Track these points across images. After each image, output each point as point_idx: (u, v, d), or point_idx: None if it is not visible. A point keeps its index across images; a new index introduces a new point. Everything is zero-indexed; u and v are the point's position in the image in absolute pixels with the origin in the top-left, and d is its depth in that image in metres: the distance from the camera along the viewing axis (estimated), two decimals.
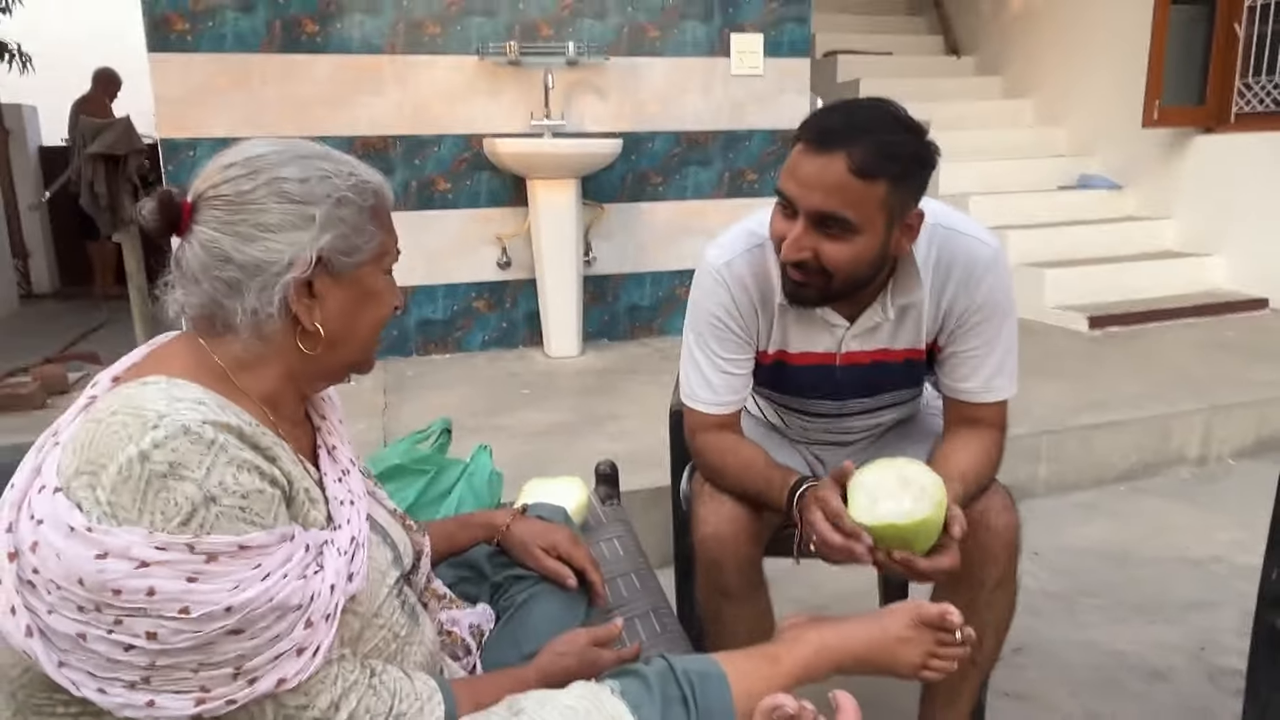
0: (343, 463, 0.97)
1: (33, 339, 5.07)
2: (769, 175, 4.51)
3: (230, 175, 0.86)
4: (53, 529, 0.71)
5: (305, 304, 0.87)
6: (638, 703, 0.88)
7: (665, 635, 1.21)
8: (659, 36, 4.25)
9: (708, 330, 1.40)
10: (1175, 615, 2.15)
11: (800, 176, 1.19)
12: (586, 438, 2.95)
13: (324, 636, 0.80)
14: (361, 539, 0.89)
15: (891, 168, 1.16)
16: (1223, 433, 3.15)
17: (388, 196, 0.95)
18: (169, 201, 0.86)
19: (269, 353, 0.87)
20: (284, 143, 0.90)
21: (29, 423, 3.20)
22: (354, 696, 0.82)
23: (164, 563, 0.70)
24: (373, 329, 0.94)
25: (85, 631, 0.71)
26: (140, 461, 0.71)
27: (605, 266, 4.38)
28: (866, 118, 1.18)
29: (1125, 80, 5.19)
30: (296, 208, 0.85)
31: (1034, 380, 3.40)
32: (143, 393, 0.76)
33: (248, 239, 0.84)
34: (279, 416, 0.89)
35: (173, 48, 3.68)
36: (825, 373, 1.42)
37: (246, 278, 0.84)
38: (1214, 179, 4.95)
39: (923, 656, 1.05)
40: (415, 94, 4.00)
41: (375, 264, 0.92)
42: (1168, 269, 4.90)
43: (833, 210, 1.18)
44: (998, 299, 1.35)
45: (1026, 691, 1.86)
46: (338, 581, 0.82)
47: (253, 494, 0.75)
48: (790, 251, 1.22)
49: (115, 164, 3.97)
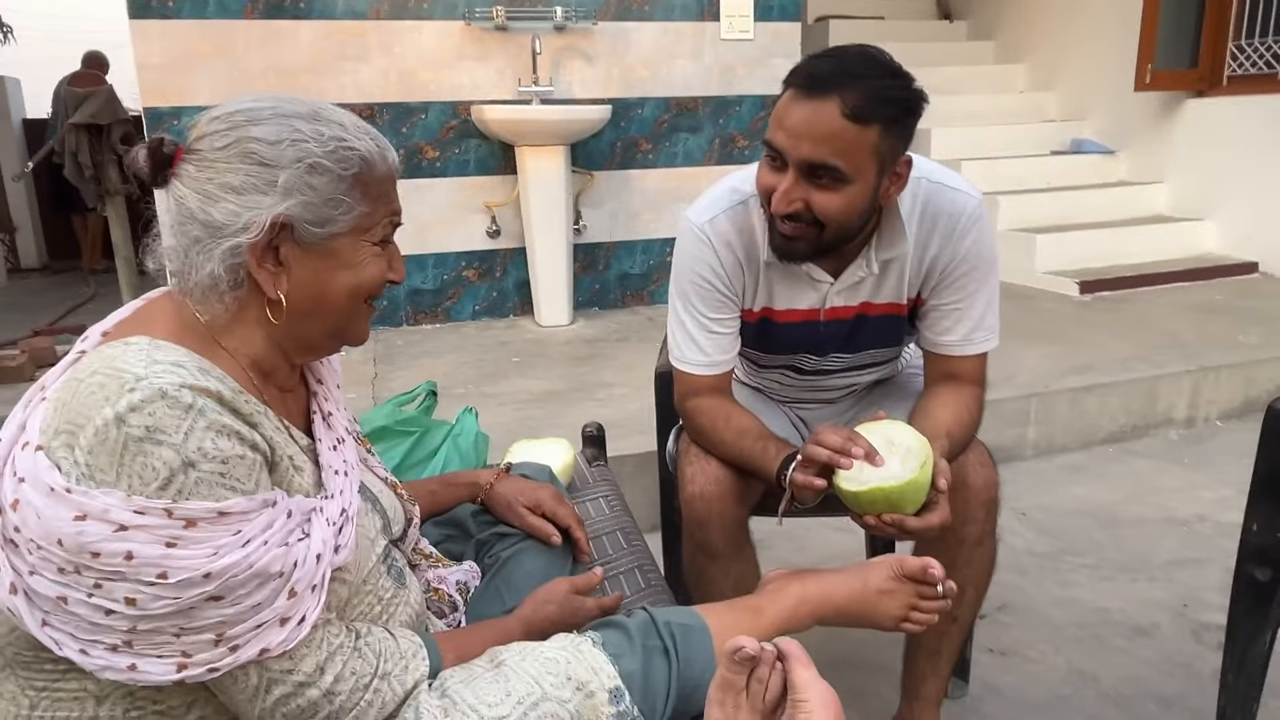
0: (338, 430, 0.95)
1: (21, 313, 5.04)
2: (759, 141, 4.47)
3: (212, 129, 0.83)
4: (33, 488, 0.71)
5: (268, 271, 0.83)
6: (618, 653, 0.89)
7: (650, 590, 1.22)
8: (647, 0, 4.20)
9: (693, 290, 1.39)
10: (1160, 573, 2.17)
11: (790, 125, 1.17)
12: (576, 405, 2.95)
13: (309, 607, 0.79)
14: (352, 511, 0.88)
15: (885, 111, 1.15)
16: (1210, 394, 3.17)
17: (380, 165, 0.87)
18: (156, 149, 0.83)
19: (245, 317, 0.85)
20: (274, 99, 0.85)
21: (17, 395, 3.16)
22: (339, 659, 0.82)
23: (142, 527, 0.70)
24: (349, 301, 0.88)
25: (66, 594, 0.71)
26: (117, 424, 0.70)
27: (595, 234, 4.36)
28: (857, 64, 1.16)
29: (1117, 44, 5.15)
30: (261, 170, 0.81)
31: (1023, 344, 3.41)
32: (123, 353, 0.75)
33: (211, 198, 0.81)
34: (266, 381, 0.88)
35: (154, 14, 3.62)
36: (810, 329, 1.42)
37: (208, 238, 0.81)
38: (1206, 143, 4.93)
39: (903, 609, 1.06)
40: (401, 60, 3.95)
41: (354, 235, 0.86)
42: (1159, 233, 4.90)
43: (824, 159, 1.16)
44: (981, 251, 1.34)
45: (1011, 648, 1.88)
46: (324, 551, 0.81)
47: (233, 459, 0.74)
48: (781, 203, 1.21)
49: (99, 134, 3.94)
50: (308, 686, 0.80)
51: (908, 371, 1.61)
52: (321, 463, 0.90)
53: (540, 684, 0.84)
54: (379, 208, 0.88)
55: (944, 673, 1.49)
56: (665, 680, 0.89)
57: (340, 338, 0.92)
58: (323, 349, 0.94)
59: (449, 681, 0.86)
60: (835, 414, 1.61)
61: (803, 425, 1.62)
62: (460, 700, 0.83)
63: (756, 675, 0.72)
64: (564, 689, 0.84)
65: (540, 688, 0.83)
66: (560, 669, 0.85)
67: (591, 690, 0.85)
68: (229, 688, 0.78)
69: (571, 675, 0.85)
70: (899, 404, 1.52)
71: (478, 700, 0.83)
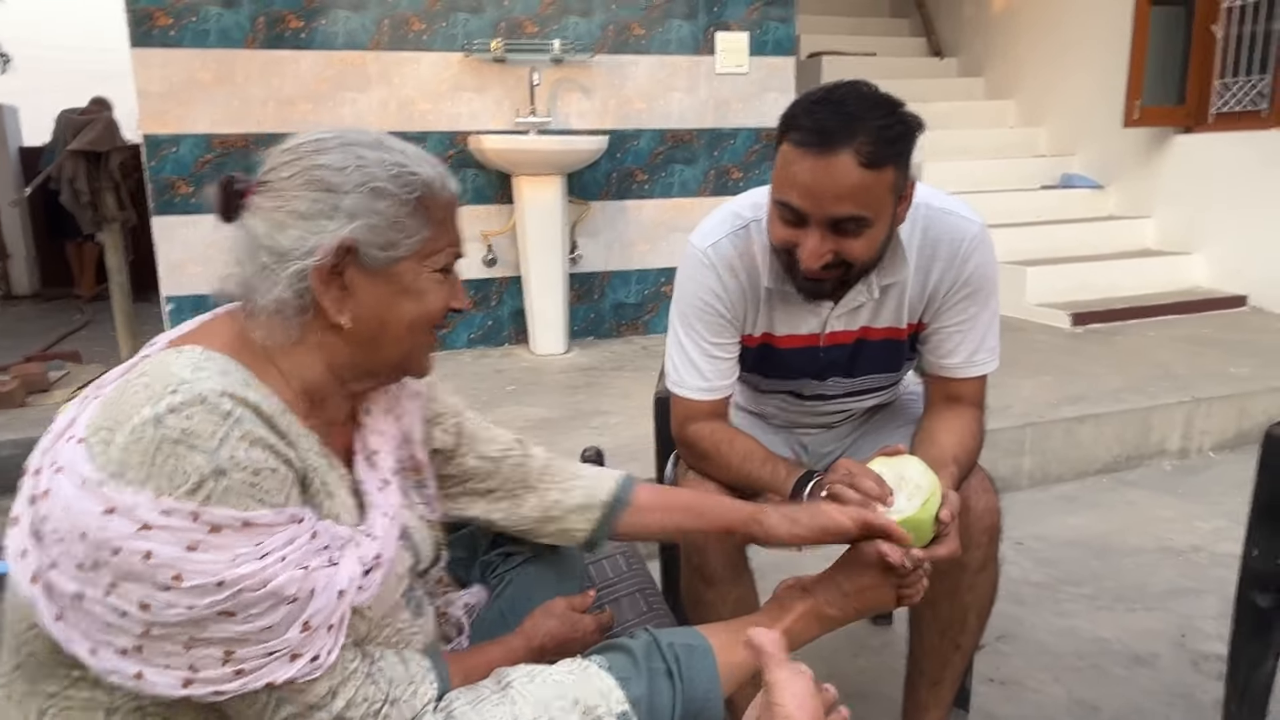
0: (383, 471, 0.94)
1: (13, 339, 5.02)
2: (754, 173, 4.52)
3: (281, 160, 0.85)
4: (68, 478, 0.72)
5: (334, 296, 0.84)
6: (625, 676, 0.88)
7: (651, 614, 1.21)
8: (644, 34, 4.26)
9: (695, 315, 1.40)
10: (1157, 603, 2.17)
11: (807, 185, 1.15)
12: (572, 433, 2.94)
13: (323, 645, 0.78)
14: (386, 559, 0.87)
15: (896, 150, 1.16)
16: (1203, 425, 3.19)
17: (442, 192, 0.89)
18: (227, 186, 0.85)
19: (306, 343, 0.85)
20: (340, 130, 0.87)
21: (8, 420, 3.17)
22: (352, 685, 0.81)
23: (166, 528, 0.70)
24: (412, 329, 0.89)
25: (82, 591, 0.72)
26: (154, 425, 0.71)
27: (591, 264, 4.38)
28: (858, 107, 1.15)
29: (1106, 81, 5.24)
30: (326, 195, 0.83)
31: (1017, 375, 3.43)
32: (174, 359, 0.76)
33: (280, 225, 0.82)
34: (314, 410, 0.87)
35: (155, 43, 3.65)
36: (810, 355, 1.43)
37: (275, 263, 0.82)
38: (1193, 178, 5.00)
39: (891, 592, 1.09)
40: (400, 91, 3.99)
41: (417, 260, 0.87)
42: (1148, 267, 4.95)
43: (849, 213, 1.16)
44: (984, 274, 1.36)
45: (1011, 677, 1.87)
46: (348, 589, 0.80)
47: (264, 471, 0.74)
48: (813, 261, 1.19)
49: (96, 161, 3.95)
50: (318, 710, 0.79)
51: (906, 396, 1.62)
52: (369, 501, 0.89)
53: (548, 708, 0.83)
54: (441, 234, 0.89)
55: (946, 701, 1.48)
56: (669, 703, 0.88)
57: (403, 368, 0.93)
58: (383, 377, 0.93)
59: (455, 703, 0.85)
60: (835, 439, 1.61)
61: (803, 450, 1.62)
62: None
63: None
64: (571, 713, 0.83)
65: (548, 711, 0.83)
66: (568, 692, 0.84)
67: (599, 715, 0.84)
68: (238, 705, 0.77)
69: (579, 699, 0.84)
70: (899, 429, 1.52)
71: None
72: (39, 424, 0.83)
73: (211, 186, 0.86)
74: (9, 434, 2.99)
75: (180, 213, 3.79)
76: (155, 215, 3.78)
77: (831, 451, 1.61)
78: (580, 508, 1.14)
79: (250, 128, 3.82)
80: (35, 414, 3.25)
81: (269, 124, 3.82)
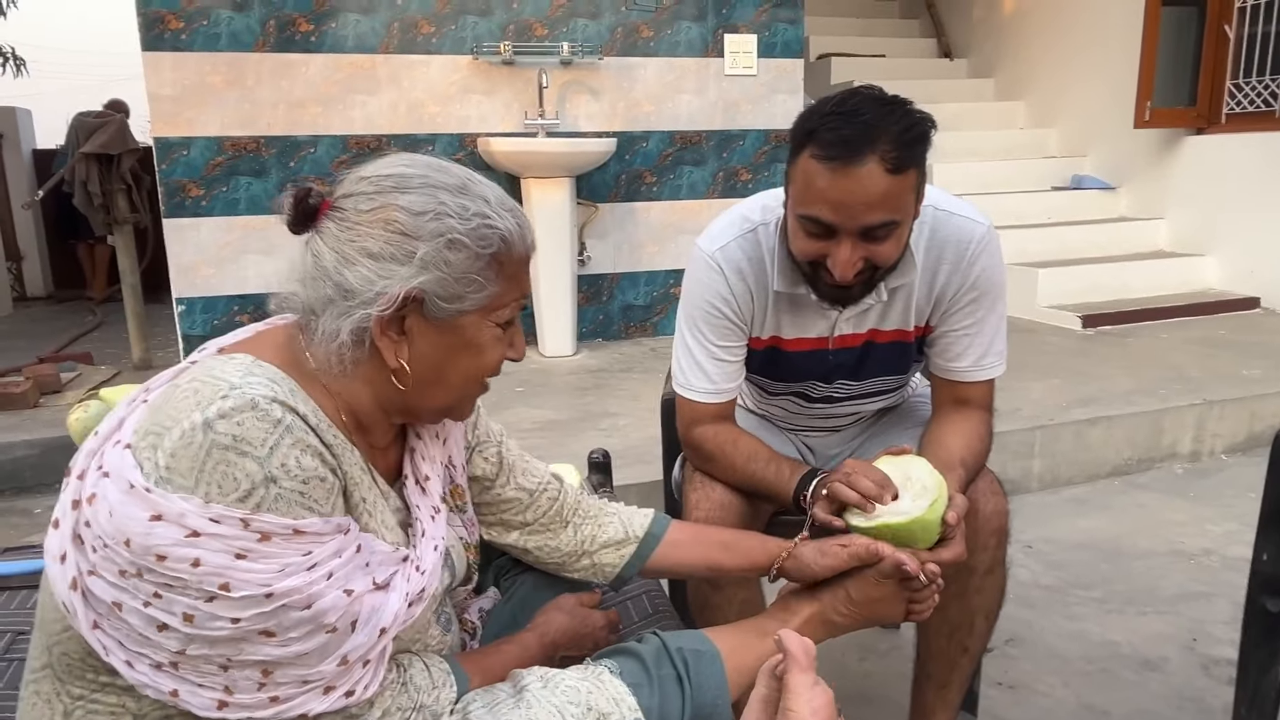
0: (434, 498, 0.93)
1: (26, 341, 5.06)
2: (762, 175, 4.52)
3: (359, 189, 0.82)
4: (114, 483, 0.71)
5: (391, 340, 0.82)
6: (636, 683, 0.88)
7: (658, 616, 1.21)
8: (652, 36, 4.26)
9: (702, 317, 1.40)
10: (1167, 607, 2.16)
11: (838, 198, 1.15)
12: (580, 434, 2.95)
13: (359, 680, 0.78)
14: (431, 590, 0.86)
15: (917, 152, 1.16)
16: (1215, 428, 3.17)
17: (518, 246, 0.85)
18: (303, 199, 0.82)
19: (356, 375, 0.83)
20: (426, 166, 0.84)
21: (21, 421, 3.19)
22: (389, 696, 0.82)
23: (216, 535, 0.69)
24: (467, 380, 0.88)
25: (122, 600, 0.70)
26: (204, 430, 0.70)
27: (599, 266, 4.39)
28: (876, 114, 1.14)
29: (1117, 82, 5.22)
30: (402, 240, 0.80)
31: (1027, 377, 3.42)
32: (223, 364, 0.75)
33: (349, 261, 0.80)
34: (360, 431, 0.86)
35: (166, 46, 3.68)
36: (819, 357, 1.42)
37: (339, 299, 0.80)
38: (1205, 179, 4.97)
39: (900, 605, 1.08)
40: (409, 93, 4.00)
41: (481, 314, 0.84)
42: (1160, 269, 4.93)
43: (881, 220, 1.16)
44: (991, 277, 1.35)
45: (1020, 681, 1.86)
46: (391, 626, 0.80)
47: (313, 480, 0.73)
48: (847, 272, 1.19)
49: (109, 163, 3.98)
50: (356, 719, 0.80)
51: (914, 398, 1.61)
52: (423, 529, 0.89)
53: (562, 714, 0.83)
54: (511, 289, 0.86)
55: (953, 704, 1.47)
56: (679, 709, 0.89)
57: (447, 412, 0.92)
58: (426, 419, 0.92)
59: (472, 706, 0.85)
60: (841, 442, 1.61)
61: (809, 453, 1.62)
62: None
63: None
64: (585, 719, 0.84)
65: (562, 717, 0.83)
66: (581, 699, 0.85)
67: None
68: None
69: (593, 706, 0.85)
70: (906, 431, 1.52)
71: None
72: (52, 425, 0.82)
73: (287, 195, 0.83)
74: (22, 434, 3.01)
75: (191, 215, 3.81)
76: (166, 217, 3.80)
77: (838, 454, 1.61)
78: (615, 543, 1.13)
79: (261, 130, 3.84)
80: (48, 415, 3.27)
81: (279, 127, 3.84)
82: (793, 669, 0.67)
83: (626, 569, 1.14)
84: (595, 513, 1.15)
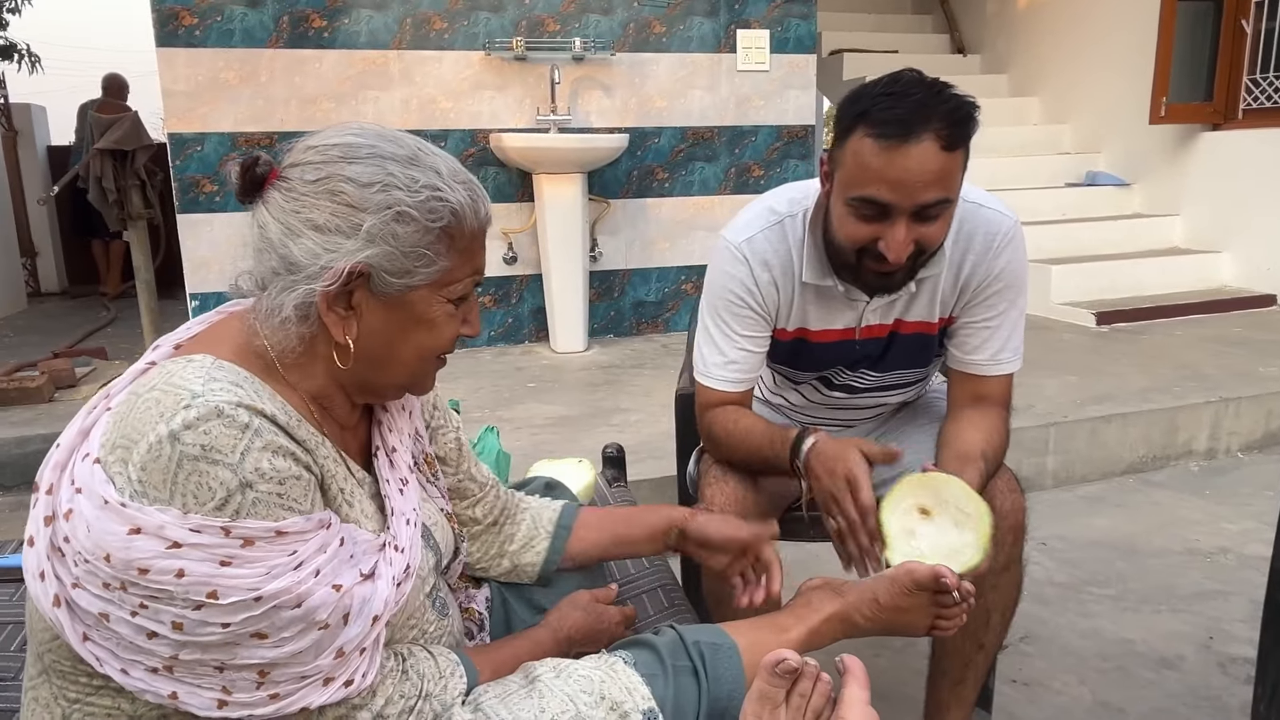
0: (400, 469, 0.92)
1: (41, 336, 5.10)
2: (774, 171, 4.51)
3: (306, 159, 0.80)
4: (88, 499, 0.70)
5: (338, 316, 0.80)
6: (651, 673, 0.88)
7: (673, 610, 1.21)
8: (665, 32, 4.26)
9: (725, 307, 1.39)
10: (1183, 605, 2.14)
11: (897, 177, 1.14)
12: (593, 430, 2.95)
13: (356, 668, 0.78)
14: (414, 565, 0.86)
15: (967, 130, 1.16)
16: (1231, 426, 3.14)
17: (470, 220, 0.83)
18: (250, 167, 0.80)
19: (312, 353, 0.81)
20: (374, 136, 0.81)
21: (36, 415, 3.21)
22: (390, 684, 0.82)
23: (197, 545, 0.68)
24: (419, 356, 0.85)
25: (108, 611, 0.70)
26: (170, 442, 0.68)
27: (611, 262, 4.38)
28: (922, 93, 1.15)
29: (1132, 77, 5.18)
30: (348, 211, 0.78)
31: (1041, 374, 3.40)
32: (182, 369, 0.74)
33: (293, 232, 0.78)
34: (326, 415, 0.85)
35: (180, 42, 3.69)
36: (846, 348, 1.43)
37: (284, 273, 0.78)
38: (1221, 175, 4.93)
39: (926, 619, 1.05)
40: (422, 90, 4.01)
41: (432, 289, 0.82)
42: (1175, 266, 4.89)
43: (937, 198, 1.16)
44: (1015, 270, 1.35)
45: (1035, 678, 1.85)
46: (383, 613, 0.80)
47: (289, 480, 0.73)
48: (901, 253, 1.19)
49: (123, 159, 3.99)
50: (360, 709, 0.80)
51: (931, 395, 1.60)
52: (391, 507, 0.88)
53: (574, 702, 0.83)
54: (463, 264, 0.84)
55: (969, 701, 1.47)
56: (695, 701, 0.88)
57: (405, 388, 0.90)
58: (386, 396, 0.91)
59: (483, 697, 0.85)
60: (857, 435, 1.60)
61: None
62: (494, 715, 0.83)
63: (799, 690, 0.71)
64: (598, 708, 0.83)
65: (574, 706, 0.83)
66: (594, 688, 0.85)
67: (625, 711, 0.84)
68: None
69: (606, 695, 0.84)
70: (921, 428, 1.51)
71: (512, 716, 0.82)
72: (66, 419, 0.81)
73: (234, 163, 0.81)
74: (38, 428, 3.03)
75: (205, 210, 3.83)
76: (180, 213, 3.82)
77: None
78: (529, 541, 1.13)
79: (274, 126, 3.85)
80: (63, 409, 3.29)
81: (292, 123, 3.85)
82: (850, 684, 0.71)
83: (546, 566, 1.13)
84: (514, 512, 1.15)
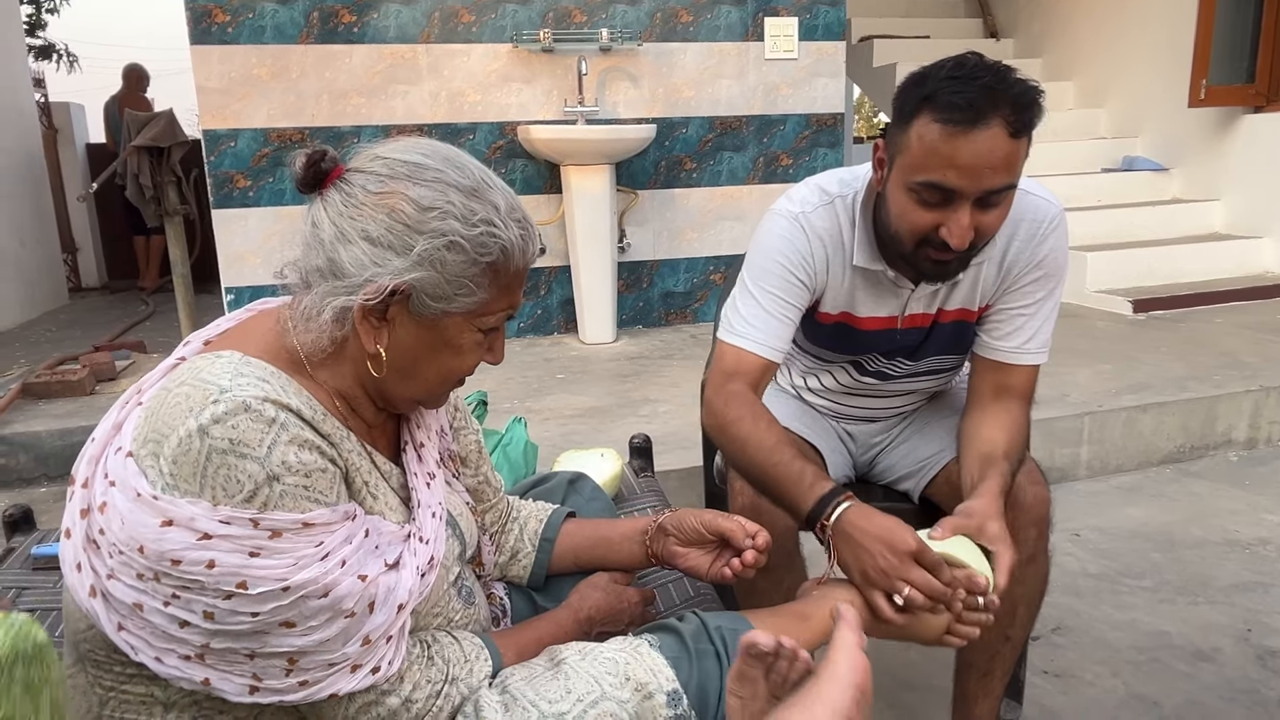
0: (429, 464, 0.94)
1: (81, 330, 5.21)
2: (803, 160, 4.48)
3: (372, 168, 0.81)
4: (122, 492, 0.73)
5: (371, 325, 0.81)
6: (675, 656, 0.89)
7: (699, 598, 1.22)
8: (692, 21, 4.24)
9: (777, 271, 1.33)
10: (1221, 596, 2.11)
11: (966, 162, 1.12)
12: (621, 420, 2.95)
13: (383, 656, 0.80)
14: (439, 556, 0.88)
15: (1033, 116, 1.13)
16: (1272, 415, 3.08)
17: (517, 259, 0.84)
18: (317, 161, 0.81)
19: (341, 354, 0.83)
20: (442, 160, 0.82)
21: (78, 408, 3.28)
22: (416, 669, 0.84)
23: (227, 536, 0.71)
24: (441, 378, 0.88)
25: (142, 601, 0.73)
26: (200, 436, 0.71)
27: (639, 253, 4.38)
28: (989, 77, 1.12)
29: (1169, 59, 5.07)
30: (402, 230, 0.79)
31: (1075, 362, 3.35)
32: (211, 365, 0.76)
33: (345, 238, 0.79)
34: (352, 412, 0.87)
35: (214, 39, 3.74)
36: (888, 336, 1.41)
37: (329, 276, 0.80)
38: (1264, 159, 4.81)
39: (944, 625, 1.06)
40: (450, 83, 4.03)
41: (466, 318, 0.84)
42: (1215, 251, 4.79)
43: (1003, 183, 1.14)
44: (1057, 259, 1.34)
45: (1066, 670, 1.83)
46: (408, 601, 0.82)
47: (315, 472, 0.75)
48: (965, 240, 1.16)
49: (159, 156, 4.06)
50: (389, 695, 0.82)
51: (959, 388, 1.59)
52: (417, 499, 0.90)
53: (600, 683, 0.84)
54: (500, 298, 0.85)
55: (996, 693, 1.46)
56: (717, 685, 0.89)
57: (419, 403, 0.92)
58: (399, 407, 0.92)
59: (510, 679, 0.87)
60: (884, 429, 1.59)
61: (849, 440, 1.60)
62: (521, 696, 0.84)
63: (776, 669, 0.72)
64: (623, 689, 0.84)
65: (600, 687, 0.84)
66: (619, 669, 0.86)
67: (650, 692, 0.85)
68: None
69: (630, 676, 0.85)
70: (945, 420, 1.50)
71: (538, 696, 0.84)
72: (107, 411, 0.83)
73: (302, 152, 0.81)
74: (80, 420, 3.10)
75: (239, 205, 3.89)
76: (215, 208, 3.88)
77: (879, 443, 1.59)
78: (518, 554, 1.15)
79: (305, 121, 3.89)
80: (104, 401, 3.36)
81: (323, 118, 3.89)
82: (843, 627, 0.71)
83: (532, 580, 1.15)
84: (507, 522, 1.16)
